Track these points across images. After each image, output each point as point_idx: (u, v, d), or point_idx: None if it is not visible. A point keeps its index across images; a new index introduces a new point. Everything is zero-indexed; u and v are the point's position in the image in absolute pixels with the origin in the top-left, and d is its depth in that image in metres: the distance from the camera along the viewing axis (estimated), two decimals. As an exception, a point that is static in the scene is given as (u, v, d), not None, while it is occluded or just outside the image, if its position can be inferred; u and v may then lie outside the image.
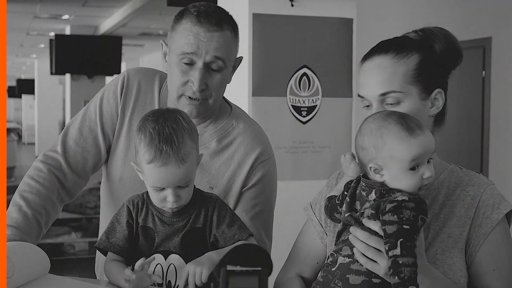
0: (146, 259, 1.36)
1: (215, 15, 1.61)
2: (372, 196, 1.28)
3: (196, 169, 1.45)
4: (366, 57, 1.44)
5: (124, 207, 1.47)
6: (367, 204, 1.29)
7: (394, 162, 1.27)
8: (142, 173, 1.43)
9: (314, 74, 3.68)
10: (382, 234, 1.24)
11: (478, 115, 5.20)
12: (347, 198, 1.34)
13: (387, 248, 1.21)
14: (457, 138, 5.28)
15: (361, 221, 1.29)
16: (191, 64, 1.59)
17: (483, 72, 5.16)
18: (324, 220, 1.53)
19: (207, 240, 1.44)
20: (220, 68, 1.61)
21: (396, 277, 1.18)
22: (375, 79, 1.39)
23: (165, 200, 1.40)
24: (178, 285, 1.42)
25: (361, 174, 1.35)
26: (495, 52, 5.06)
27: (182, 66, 1.60)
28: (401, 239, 1.20)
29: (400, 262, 1.18)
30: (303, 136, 3.68)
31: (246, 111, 1.89)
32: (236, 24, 1.68)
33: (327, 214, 1.44)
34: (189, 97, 1.61)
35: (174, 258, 1.42)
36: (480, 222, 1.37)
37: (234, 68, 1.72)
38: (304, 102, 3.67)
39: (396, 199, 1.23)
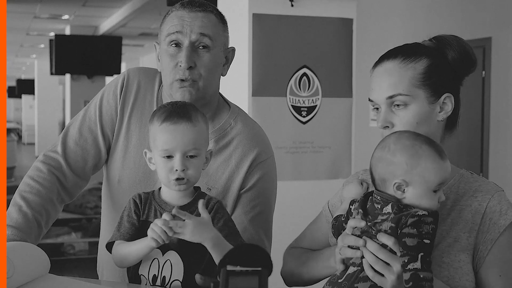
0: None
1: (198, 1, 1.66)
2: (387, 209, 1.29)
3: (206, 162, 1.49)
4: (377, 63, 1.48)
5: (131, 201, 1.49)
6: (383, 217, 1.29)
7: (423, 181, 1.29)
8: (153, 150, 1.45)
9: (314, 74, 3.68)
10: (397, 249, 1.25)
11: (478, 115, 5.20)
12: (360, 210, 1.34)
13: (406, 261, 1.22)
14: (457, 138, 5.27)
15: (372, 233, 1.30)
16: (178, 46, 1.61)
17: (483, 72, 5.16)
18: None
19: None
20: (207, 46, 1.61)
21: None
22: (383, 83, 1.43)
23: (172, 171, 1.42)
24: (172, 281, 1.42)
25: (373, 190, 1.35)
26: (495, 52, 5.06)
27: (170, 50, 1.62)
28: (421, 253, 1.21)
29: (421, 276, 1.20)
30: (303, 136, 3.68)
31: (246, 111, 1.89)
32: (223, 15, 1.69)
33: (334, 233, 1.45)
34: (180, 79, 1.61)
35: (172, 254, 1.43)
36: (487, 228, 1.37)
37: (228, 59, 1.71)
38: (304, 102, 3.67)
39: (417, 213, 1.24)
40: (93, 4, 8.55)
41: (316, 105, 3.69)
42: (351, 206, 1.37)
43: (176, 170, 1.42)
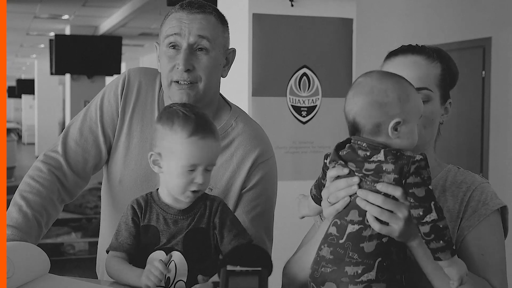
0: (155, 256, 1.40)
1: (198, 2, 1.64)
2: (379, 157, 1.22)
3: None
4: (397, 53, 1.49)
5: (129, 207, 1.48)
6: (371, 165, 1.22)
7: (416, 114, 1.28)
8: (169, 158, 1.41)
9: (314, 74, 3.68)
10: (404, 199, 1.21)
11: (478, 115, 5.20)
12: (340, 161, 1.28)
13: (421, 213, 1.19)
14: (457, 138, 5.28)
15: (368, 186, 1.24)
16: (177, 48, 1.60)
17: (483, 72, 5.16)
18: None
19: (210, 241, 1.45)
20: (205, 48, 1.60)
21: (441, 241, 1.20)
22: (412, 73, 1.44)
23: (192, 183, 1.41)
24: (176, 282, 1.42)
25: (351, 137, 1.29)
26: (495, 52, 5.06)
27: (169, 52, 1.61)
28: (432, 202, 1.20)
29: (441, 226, 1.20)
30: (303, 136, 3.68)
31: (246, 111, 1.89)
32: (223, 16, 1.68)
33: (315, 197, 1.40)
34: (178, 82, 1.60)
35: (176, 255, 1.42)
36: (468, 216, 1.42)
37: (228, 61, 1.71)
38: (304, 102, 3.67)
39: (415, 159, 1.20)
40: (93, 4, 8.56)
41: (316, 105, 3.69)
42: (325, 160, 1.33)
43: (196, 182, 1.41)
